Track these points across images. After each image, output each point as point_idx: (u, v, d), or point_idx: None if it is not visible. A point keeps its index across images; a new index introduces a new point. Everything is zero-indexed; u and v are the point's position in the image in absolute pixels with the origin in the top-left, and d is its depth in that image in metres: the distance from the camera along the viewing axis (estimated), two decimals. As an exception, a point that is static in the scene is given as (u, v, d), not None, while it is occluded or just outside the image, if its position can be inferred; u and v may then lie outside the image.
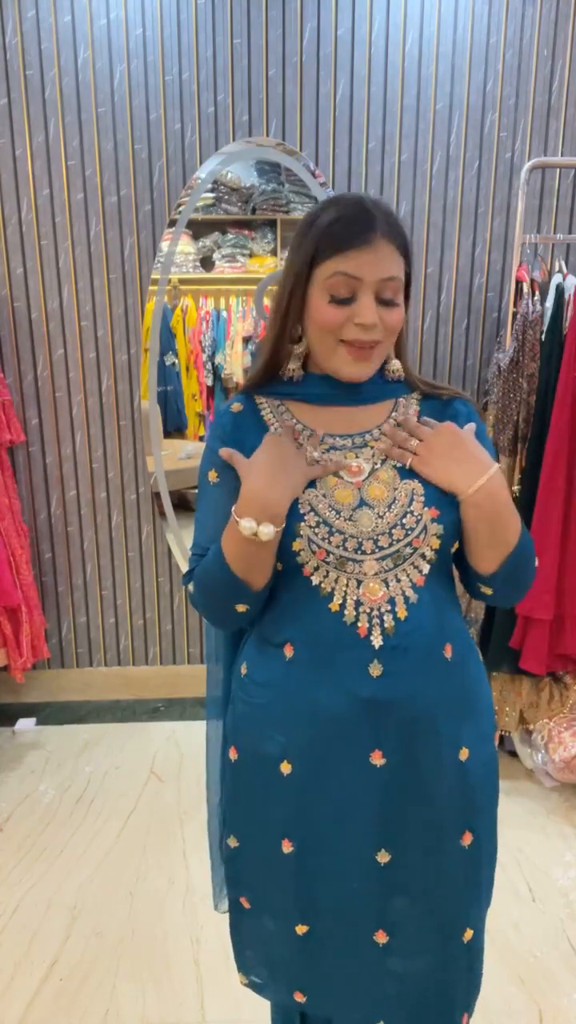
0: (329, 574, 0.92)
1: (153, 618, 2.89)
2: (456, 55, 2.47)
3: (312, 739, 0.93)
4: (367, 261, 0.89)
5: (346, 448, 0.97)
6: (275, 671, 0.97)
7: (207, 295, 2.83)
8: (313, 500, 0.92)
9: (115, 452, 2.74)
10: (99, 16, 2.39)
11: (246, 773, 1.01)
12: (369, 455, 0.96)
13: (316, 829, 0.94)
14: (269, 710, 0.97)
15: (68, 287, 2.58)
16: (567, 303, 2.18)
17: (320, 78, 2.48)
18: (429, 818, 0.94)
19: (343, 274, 0.90)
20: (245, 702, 1.02)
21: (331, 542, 0.91)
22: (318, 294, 0.92)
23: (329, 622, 0.92)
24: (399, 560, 0.91)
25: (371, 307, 0.90)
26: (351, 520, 0.92)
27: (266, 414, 1.02)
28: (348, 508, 0.92)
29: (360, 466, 0.96)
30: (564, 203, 2.61)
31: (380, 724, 0.91)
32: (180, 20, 2.41)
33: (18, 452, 2.71)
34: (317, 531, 0.91)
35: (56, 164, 2.48)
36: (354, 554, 0.91)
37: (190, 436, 2.94)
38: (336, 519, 0.92)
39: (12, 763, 2.52)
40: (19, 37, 2.39)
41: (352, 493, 0.93)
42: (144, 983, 1.65)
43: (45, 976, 1.66)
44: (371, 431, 0.99)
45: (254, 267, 2.77)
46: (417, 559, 0.92)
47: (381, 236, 0.90)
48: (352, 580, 0.91)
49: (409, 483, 0.93)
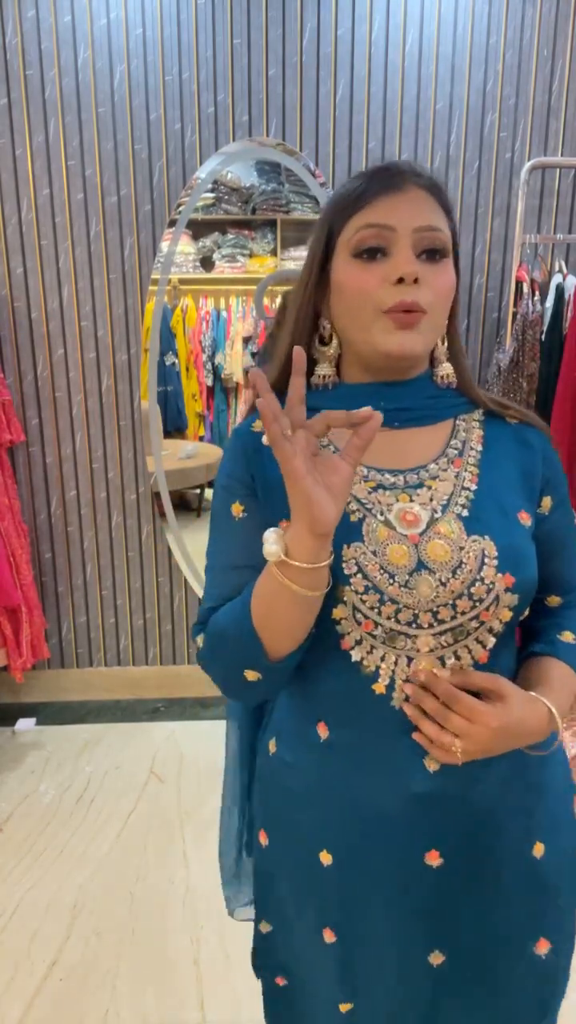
0: (374, 650, 0.75)
1: (153, 618, 2.89)
2: (456, 55, 2.47)
3: (356, 836, 0.80)
4: (399, 206, 0.74)
5: (397, 489, 0.78)
6: (308, 753, 0.82)
7: (207, 295, 2.84)
8: (361, 558, 0.74)
9: (115, 452, 2.74)
10: (99, 16, 2.39)
11: (279, 860, 0.88)
12: (426, 498, 0.77)
13: (360, 923, 0.82)
14: (304, 799, 0.83)
15: (68, 287, 2.58)
16: (567, 303, 2.18)
17: (320, 78, 2.48)
18: (494, 921, 0.81)
19: (371, 225, 0.74)
20: (275, 784, 0.87)
21: (381, 613, 0.73)
22: (344, 261, 0.77)
23: (373, 705, 0.76)
24: (460, 635, 0.75)
25: (410, 257, 0.74)
26: (407, 587, 0.73)
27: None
28: (404, 571, 0.74)
29: (416, 514, 0.76)
30: (564, 203, 2.61)
31: (438, 823, 0.77)
32: (180, 20, 2.41)
33: (18, 452, 2.71)
34: (365, 599, 0.73)
35: (56, 164, 2.48)
36: (407, 627, 0.74)
37: (190, 436, 2.95)
38: (389, 585, 0.73)
39: (12, 763, 2.52)
40: (19, 37, 2.39)
41: (408, 552, 0.75)
42: (144, 983, 1.65)
43: (45, 976, 1.66)
44: (427, 466, 0.80)
45: (254, 267, 2.78)
46: (483, 633, 0.76)
47: (412, 183, 0.76)
48: (402, 657, 0.75)
49: (478, 541, 0.75)
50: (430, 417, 0.82)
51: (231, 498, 0.82)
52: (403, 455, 0.81)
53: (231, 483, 0.82)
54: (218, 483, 0.83)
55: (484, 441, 0.83)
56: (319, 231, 0.80)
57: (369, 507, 0.77)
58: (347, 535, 0.75)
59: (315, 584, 0.67)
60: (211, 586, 0.84)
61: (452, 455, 0.81)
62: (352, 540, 0.75)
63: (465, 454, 0.81)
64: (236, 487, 0.82)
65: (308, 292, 0.81)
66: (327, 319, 0.82)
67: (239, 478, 0.82)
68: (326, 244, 0.80)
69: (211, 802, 2.27)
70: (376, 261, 0.75)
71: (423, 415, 0.82)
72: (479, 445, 0.82)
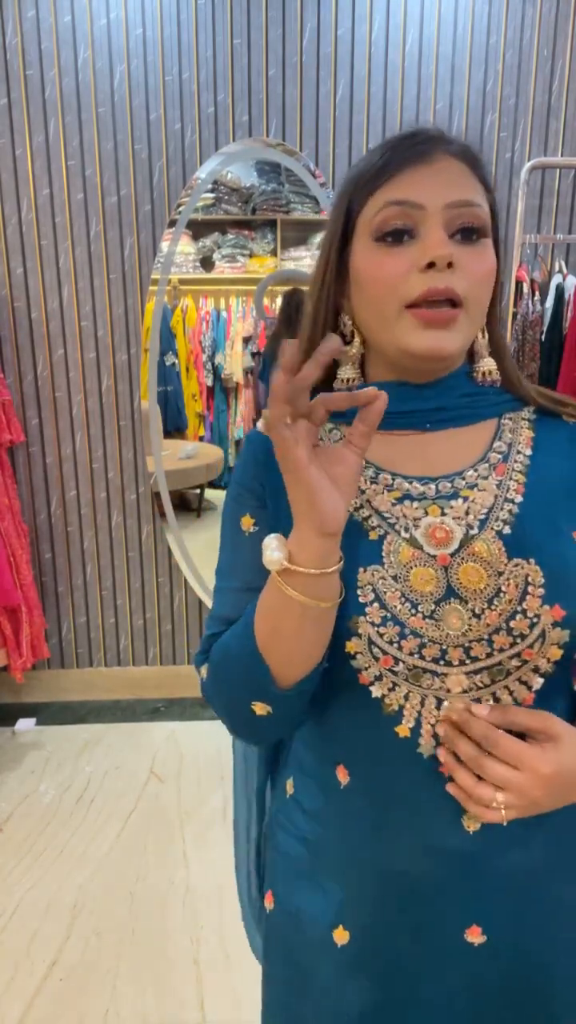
0: (397, 688, 0.64)
1: (153, 618, 2.89)
2: (456, 55, 2.48)
3: (380, 903, 0.68)
4: (427, 179, 0.64)
5: (426, 500, 0.67)
6: (327, 799, 0.72)
7: (207, 295, 2.84)
8: (379, 583, 0.64)
9: (115, 452, 2.74)
10: (99, 16, 2.39)
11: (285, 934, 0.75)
12: (461, 511, 0.66)
13: (384, 1017, 0.70)
14: (320, 852, 0.72)
15: (68, 287, 2.58)
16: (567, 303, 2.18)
17: (320, 78, 2.48)
18: (550, 1013, 0.68)
19: (395, 203, 0.63)
20: (288, 833, 0.76)
21: (402, 648, 0.63)
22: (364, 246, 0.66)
23: (397, 751, 0.65)
24: (499, 675, 0.63)
25: (443, 238, 0.63)
26: (433, 619, 0.63)
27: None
28: (429, 600, 0.63)
29: (448, 530, 0.65)
30: (564, 203, 2.61)
31: (479, 891, 0.65)
32: (180, 20, 2.41)
33: (18, 452, 2.71)
34: (383, 631, 0.63)
35: (56, 164, 2.48)
36: (434, 665, 0.63)
37: (190, 436, 2.95)
38: (411, 616, 0.63)
39: (12, 763, 2.52)
40: (19, 37, 2.39)
41: (436, 577, 0.64)
42: (144, 983, 1.65)
43: (45, 976, 1.66)
44: (464, 473, 0.68)
45: (254, 267, 2.78)
46: (526, 673, 0.63)
47: (443, 152, 0.65)
48: (429, 697, 0.64)
49: (522, 565, 0.63)
50: (470, 416, 0.71)
51: (241, 510, 0.73)
52: (436, 460, 0.69)
53: (241, 493, 0.74)
54: (229, 494, 0.75)
55: (534, 444, 0.70)
56: (336, 211, 0.70)
57: (392, 522, 0.66)
58: (364, 556, 0.65)
59: (325, 594, 0.59)
60: (217, 608, 0.74)
61: (495, 460, 0.69)
62: (370, 562, 0.64)
63: (510, 459, 0.69)
64: (246, 498, 0.73)
65: (326, 284, 0.71)
66: (348, 314, 0.71)
67: (249, 487, 0.73)
68: (344, 227, 0.69)
69: (211, 802, 2.27)
70: (402, 245, 0.64)
71: (461, 414, 0.70)
72: (528, 448, 0.70)
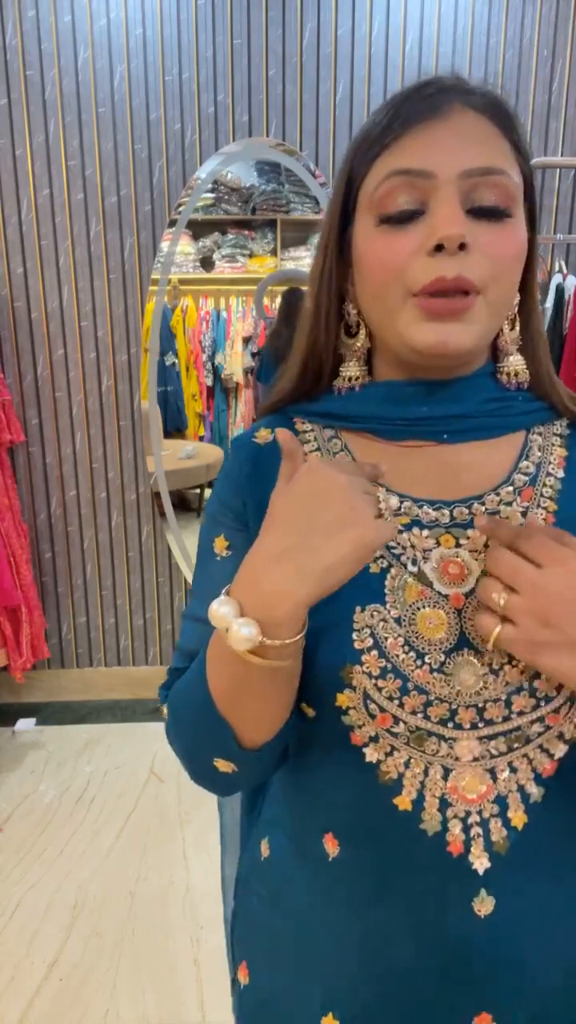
0: (395, 752, 0.55)
1: (153, 618, 2.90)
2: (456, 55, 2.47)
3: (375, 990, 0.58)
4: (439, 140, 0.53)
5: (439, 528, 0.58)
6: (314, 872, 0.61)
7: (207, 295, 2.84)
8: (379, 627, 0.55)
9: (115, 452, 2.74)
10: (99, 16, 2.39)
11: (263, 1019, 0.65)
12: (480, 543, 0.57)
13: None
14: (304, 928, 0.61)
15: (68, 287, 2.58)
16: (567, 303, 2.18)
17: (320, 78, 2.48)
18: None
19: (399, 172, 0.53)
20: (265, 902, 0.65)
21: (404, 705, 0.54)
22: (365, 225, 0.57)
23: (396, 826, 0.56)
24: (518, 742, 0.54)
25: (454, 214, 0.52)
26: (441, 672, 0.54)
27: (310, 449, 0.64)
28: (439, 649, 0.55)
29: (463, 565, 0.56)
30: (564, 203, 2.61)
31: (492, 983, 0.56)
32: (180, 20, 2.41)
33: (18, 452, 2.71)
34: (381, 684, 0.54)
35: (56, 164, 2.48)
36: (441, 727, 0.54)
37: (190, 436, 2.95)
38: (416, 668, 0.54)
39: (12, 763, 2.52)
40: (19, 37, 2.39)
41: (447, 621, 0.55)
42: (144, 983, 1.65)
43: (45, 976, 1.66)
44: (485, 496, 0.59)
45: (254, 267, 2.78)
46: (550, 740, 0.55)
47: (460, 104, 0.53)
48: (435, 766, 0.54)
49: None
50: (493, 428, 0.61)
51: (216, 529, 0.64)
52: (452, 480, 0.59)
53: (219, 510, 0.65)
54: (207, 508, 0.67)
55: (568, 465, 0.61)
56: (337, 183, 0.61)
57: (398, 553, 0.57)
58: (363, 592, 0.56)
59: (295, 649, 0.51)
60: (182, 639, 0.66)
61: (521, 483, 0.59)
62: (369, 600, 0.56)
63: (539, 482, 0.59)
64: (223, 515, 0.64)
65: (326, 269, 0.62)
66: (353, 303, 0.62)
67: (228, 503, 0.64)
68: (345, 201, 0.60)
69: (211, 802, 2.27)
70: (410, 224, 0.54)
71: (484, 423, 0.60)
72: (560, 470, 0.60)
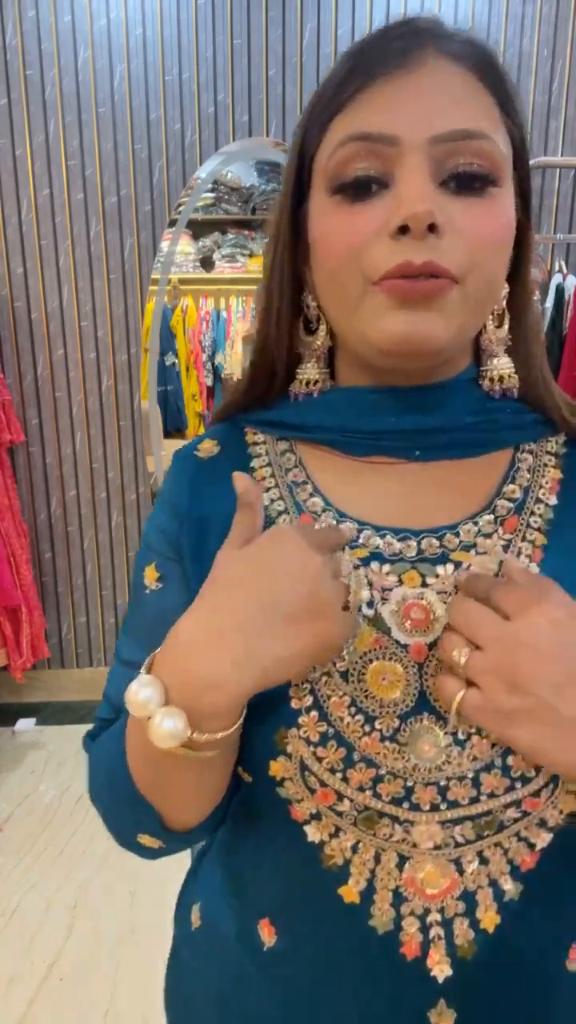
0: (341, 833, 0.46)
1: (153, 618, 2.90)
2: (456, 55, 2.48)
3: None
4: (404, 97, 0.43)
5: (403, 563, 0.49)
6: (250, 959, 0.51)
7: (207, 295, 2.84)
8: (321, 682, 0.46)
9: (115, 452, 2.74)
10: (99, 16, 2.40)
11: None
12: (450, 582, 0.48)
13: None
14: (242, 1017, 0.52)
15: (68, 287, 2.58)
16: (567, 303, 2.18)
17: (320, 78, 2.47)
18: None
19: (356, 138, 0.43)
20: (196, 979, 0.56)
21: (349, 779, 0.45)
22: (320, 200, 0.47)
23: (342, 919, 0.46)
24: (489, 828, 0.45)
25: (422, 187, 0.42)
26: (395, 741, 0.45)
27: (259, 464, 0.55)
28: (393, 713, 0.45)
29: (429, 609, 0.47)
30: (564, 203, 2.61)
31: None
32: (180, 20, 2.41)
33: (18, 452, 2.71)
34: (322, 754, 0.45)
35: (56, 164, 2.48)
36: (395, 808, 0.45)
37: (190, 436, 2.95)
38: (364, 736, 0.45)
39: (12, 763, 2.52)
40: (19, 37, 2.39)
41: (404, 677, 0.46)
42: (144, 983, 1.65)
43: (45, 976, 1.66)
44: (459, 526, 0.49)
45: (254, 267, 2.78)
46: (529, 828, 0.45)
47: (435, 53, 0.44)
48: (389, 853, 0.45)
49: None
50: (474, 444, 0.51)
51: (148, 556, 0.55)
52: (422, 505, 0.50)
53: (153, 534, 0.56)
54: (143, 530, 0.58)
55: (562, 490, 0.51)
56: (290, 154, 0.51)
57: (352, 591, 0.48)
58: None
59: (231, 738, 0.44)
60: (109, 685, 0.57)
61: (504, 511, 0.50)
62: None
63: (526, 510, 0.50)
64: (157, 541, 0.55)
65: (279, 253, 0.52)
66: (312, 293, 0.52)
67: (163, 528, 0.55)
68: (298, 174, 0.50)
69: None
70: (370, 198, 0.44)
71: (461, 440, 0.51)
72: (552, 495, 0.51)
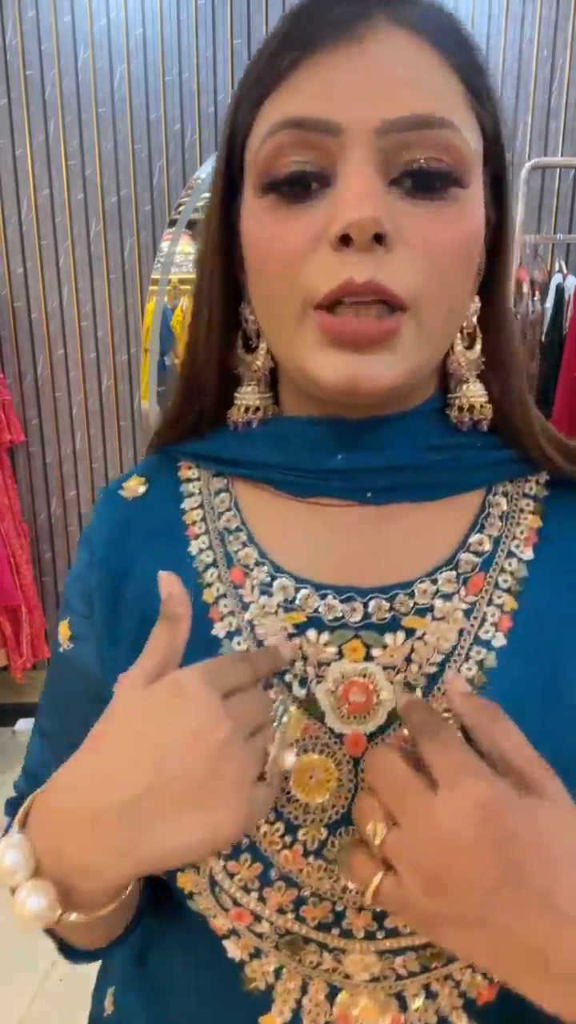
0: (264, 956, 0.40)
1: (153, 618, 2.90)
2: (456, 55, 2.48)
3: None
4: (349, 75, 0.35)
5: (346, 630, 0.41)
6: None
7: (207, 295, 2.84)
8: None
9: (115, 452, 2.74)
10: (99, 16, 2.40)
11: None
12: (400, 653, 0.40)
13: None
14: None
15: (68, 287, 2.58)
16: (567, 303, 2.18)
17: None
18: None
19: (291, 124, 0.36)
20: None
21: (266, 899, 0.39)
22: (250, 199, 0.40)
23: None
24: (437, 960, 0.39)
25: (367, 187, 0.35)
26: (321, 857, 0.38)
27: (190, 506, 0.48)
28: (319, 821, 0.39)
29: (373, 689, 0.40)
30: (564, 203, 2.61)
31: None
32: (180, 20, 2.41)
33: (18, 452, 2.71)
34: (235, 868, 0.39)
35: (56, 164, 2.48)
36: (323, 934, 0.39)
37: (190, 436, 2.95)
38: (284, 848, 0.39)
39: (12, 763, 2.51)
40: (19, 37, 2.39)
41: (336, 776, 0.39)
42: (144, 983, 1.65)
43: (45, 976, 1.66)
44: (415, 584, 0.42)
45: (254, 267, 2.78)
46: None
47: (389, 21, 0.36)
48: (317, 982, 0.39)
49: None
50: (436, 486, 0.43)
51: (65, 609, 0.49)
52: (373, 558, 0.43)
53: (70, 582, 0.50)
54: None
55: (540, 543, 0.43)
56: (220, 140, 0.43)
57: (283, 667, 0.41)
58: None
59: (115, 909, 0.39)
60: (27, 753, 0.52)
61: (469, 566, 0.42)
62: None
63: (495, 564, 0.43)
64: (72, 592, 0.49)
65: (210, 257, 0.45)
66: (251, 304, 0.44)
67: (81, 576, 0.48)
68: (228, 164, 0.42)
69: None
70: (309, 199, 0.37)
71: (421, 481, 0.43)
72: (528, 548, 0.43)
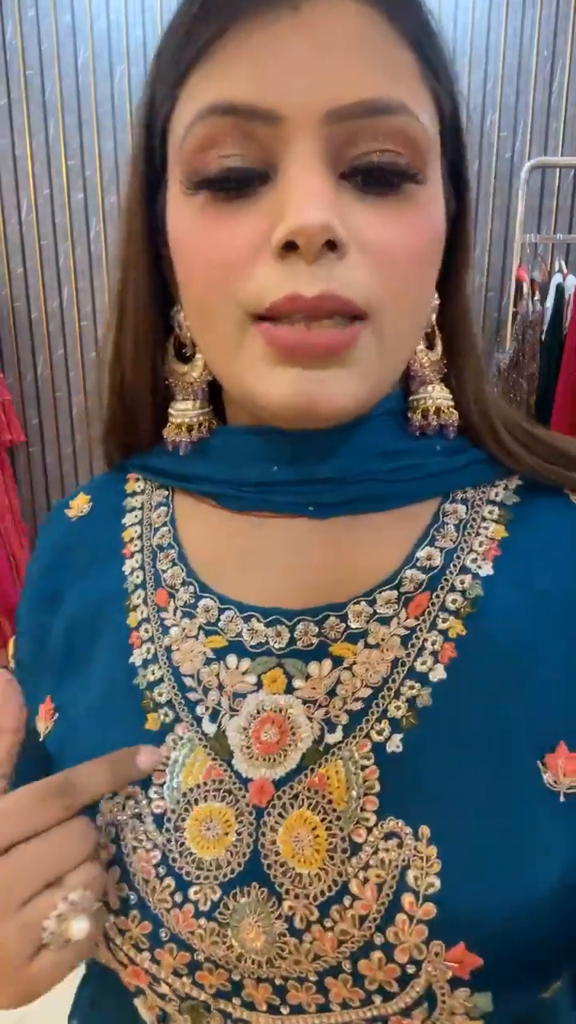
0: (171, 1020, 0.37)
1: (153, 618, 2.89)
2: (456, 55, 2.47)
3: None
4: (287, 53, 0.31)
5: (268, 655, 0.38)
6: None
7: (207, 295, 2.84)
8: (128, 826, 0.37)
9: (115, 452, 2.74)
10: (99, 16, 2.39)
11: None
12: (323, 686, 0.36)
13: None
14: None
15: (68, 287, 2.58)
16: (567, 303, 2.18)
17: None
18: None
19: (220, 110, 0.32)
20: None
21: (159, 960, 0.35)
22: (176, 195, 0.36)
23: None
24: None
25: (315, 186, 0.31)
26: (214, 920, 0.34)
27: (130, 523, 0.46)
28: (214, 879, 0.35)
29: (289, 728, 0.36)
30: (564, 203, 2.61)
31: None
32: (180, 20, 2.41)
33: (18, 452, 2.71)
34: (125, 924, 0.36)
35: (56, 164, 2.48)
36: (224, 1002, 0.35)
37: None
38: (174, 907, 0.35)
39: (12, 763, 2.52)
40: (19, 37, 2.39)
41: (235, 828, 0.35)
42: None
43: (45, 976, 1.66)
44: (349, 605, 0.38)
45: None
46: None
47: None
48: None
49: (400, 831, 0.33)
50: (383, 497, 0.39)
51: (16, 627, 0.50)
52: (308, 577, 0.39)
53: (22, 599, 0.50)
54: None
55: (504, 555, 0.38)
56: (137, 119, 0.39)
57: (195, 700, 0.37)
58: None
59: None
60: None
61: (412, 585, 0.38)
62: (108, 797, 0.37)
63: (443, 582, 0.38)
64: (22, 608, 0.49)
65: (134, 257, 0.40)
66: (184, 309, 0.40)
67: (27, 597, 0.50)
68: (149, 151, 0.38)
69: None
70: (248, 195, 0.33)
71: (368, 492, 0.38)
72: (487, 562, 0.38)
